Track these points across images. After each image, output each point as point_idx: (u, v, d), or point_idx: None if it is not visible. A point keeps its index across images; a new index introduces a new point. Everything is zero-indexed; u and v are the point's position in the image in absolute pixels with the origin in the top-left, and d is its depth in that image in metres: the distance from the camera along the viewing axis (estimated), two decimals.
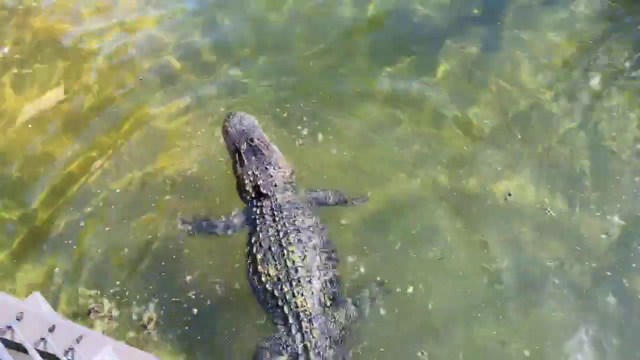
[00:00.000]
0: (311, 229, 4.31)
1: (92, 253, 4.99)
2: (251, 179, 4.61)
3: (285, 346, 3.88)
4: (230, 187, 4.92)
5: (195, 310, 4.60)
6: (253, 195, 4.61)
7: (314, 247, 4.20)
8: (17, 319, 2.73)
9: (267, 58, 6.54)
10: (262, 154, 4.71)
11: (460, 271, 4.72)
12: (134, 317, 4.61)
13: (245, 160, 4.69)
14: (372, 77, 6.27)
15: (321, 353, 3.84)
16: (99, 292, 4.75)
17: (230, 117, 4.94)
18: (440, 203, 5.13)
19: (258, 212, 4.44)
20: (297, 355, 3.82)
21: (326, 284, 4.11)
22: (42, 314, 2.95)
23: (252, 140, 4.74)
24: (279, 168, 4.71)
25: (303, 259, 4.09)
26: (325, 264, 4.20)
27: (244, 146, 4.74)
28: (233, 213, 4.69)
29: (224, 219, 4.67)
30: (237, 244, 4.61)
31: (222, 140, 5.14)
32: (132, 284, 4.80)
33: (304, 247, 4.14)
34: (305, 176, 5.18)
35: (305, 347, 3.83)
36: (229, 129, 4.89)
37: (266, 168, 4.63)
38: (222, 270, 4.77)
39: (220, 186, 5.22)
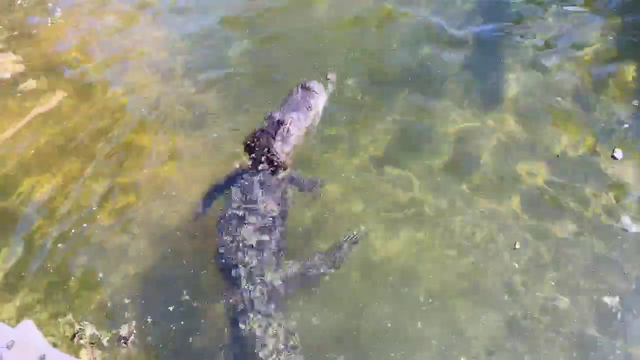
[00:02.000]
0: (273, 216, 4.42)
1: (70, 275, 4.83)
2: (277, 156, 4.61)
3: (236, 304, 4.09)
4: None
5: (175, 329, 4.46)
6: (255, 165, 4.64)
7: (270, 230, 4.34)
8: (7, 348, 2.61)
9: None
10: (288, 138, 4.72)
11: None
12: (115, 333, 4.46)
13: (280, 141, 4.65)
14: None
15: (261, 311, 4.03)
16: (80, 316, 4.57)
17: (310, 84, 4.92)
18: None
19: (239, 183, 4.56)
20: (244, 305, 4.04)
21: (276, 259, 4.30)
22: (33, 342, 2.80)
23: (281, 122, 4.67)
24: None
25: (257, 239, 4.26)
26: (277, 245, 4.35)
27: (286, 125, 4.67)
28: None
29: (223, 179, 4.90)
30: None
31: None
32: (112, 303, 4.67)
33: (258, 231, 4.29)
34: None
35: (250, 300, 4.04)
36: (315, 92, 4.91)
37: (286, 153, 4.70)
38: (209, 288, 4.64)
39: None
